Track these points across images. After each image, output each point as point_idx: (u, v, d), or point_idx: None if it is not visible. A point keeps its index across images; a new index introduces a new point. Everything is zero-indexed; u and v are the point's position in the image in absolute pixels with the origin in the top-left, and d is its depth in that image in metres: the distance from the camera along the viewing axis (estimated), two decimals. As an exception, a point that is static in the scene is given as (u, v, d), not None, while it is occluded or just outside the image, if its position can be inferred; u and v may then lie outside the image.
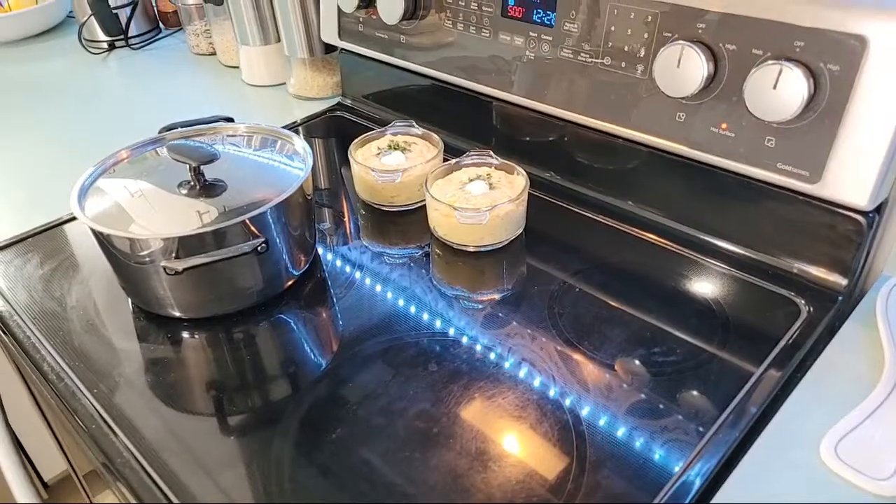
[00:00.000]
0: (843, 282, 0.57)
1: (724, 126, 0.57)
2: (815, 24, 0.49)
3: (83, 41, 1.26)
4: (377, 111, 0.93)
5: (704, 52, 0.54)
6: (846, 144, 0.51)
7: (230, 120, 0.70)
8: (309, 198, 0.62)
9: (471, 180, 0.68)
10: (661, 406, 0.49)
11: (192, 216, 0.56)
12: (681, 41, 0.55)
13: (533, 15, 0.67)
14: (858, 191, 0.52)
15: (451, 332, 0.57)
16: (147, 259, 0.54)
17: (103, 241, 0.55)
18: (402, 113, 0.88)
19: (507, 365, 0.53)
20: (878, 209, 0.54)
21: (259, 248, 0.53)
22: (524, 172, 0.67)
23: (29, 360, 0.58)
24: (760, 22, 0.52)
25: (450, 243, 0.66)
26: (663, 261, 0.64)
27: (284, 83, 1.07)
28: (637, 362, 0.53)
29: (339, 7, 0.87)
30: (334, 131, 0.94)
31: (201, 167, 0.58)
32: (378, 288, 0.63)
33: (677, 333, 0.55)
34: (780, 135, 0.54)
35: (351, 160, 0.73)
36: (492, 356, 0.54)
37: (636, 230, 0.67)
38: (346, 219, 0.75)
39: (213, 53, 1.21)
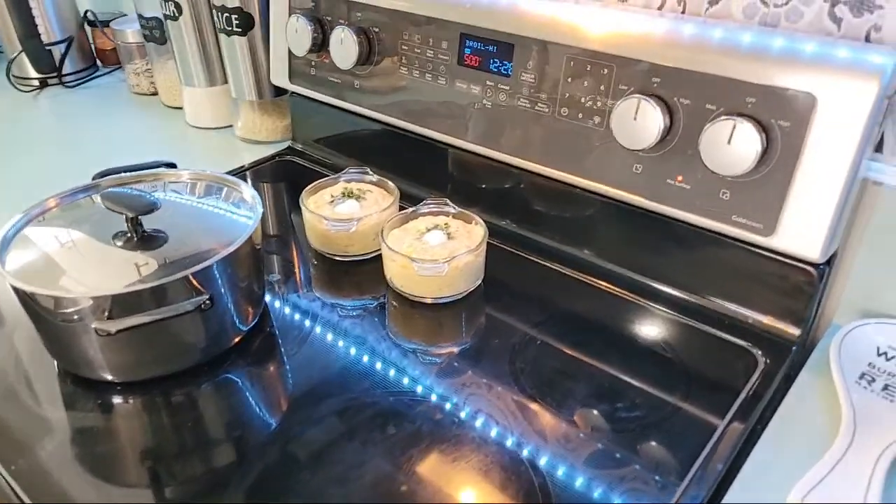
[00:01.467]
0: (797, 331, 0.58)
1: (679, 178, 0.57)
2: (766, 81, 0.51)
3: (11, 77, 1.20)
4: (329, 156, 0.91)
5: (660, 105, 0.55)
6: (798, 198, 0.52)
7: (172, 165, 0.66)
8: (258, 248, 0.59)
9: (428, 230, 0.66)
10: (628, 465, 0.48)
11: (129, 270, 0.52)
12: (637, 95, 0.56)
13: (490, 64, 0.67)
14: (811, 244, 0.53)
15: (410, 389, 0.54)
16: (75, 318, 0.49)
17: (26, 298, 0.50)
18: (356, 159, 0.86)
19: (469, 425, 0.51)
20: (829, 261, 0.55)
21: (203, 304, 0.50)
22: (482, 222, 0.66)
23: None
24: (713, 78, 0.53)
25: (407, 295, 0.64)
26: (622, 311, 0.64)
27: (231, 125, 1.03)
28: (602, 419, 0.52)
29: (289, 50, 0.85)
30: (284, 176, 0.91)
31: (139, 217, 0.54)
32: (332, 342, 0.60)
33: (639, 385, 0.55)
34: (734, 188, 0.55)
35: (302, 208, 0.70)
36: (453, 415, 0.52)
37: (594, 279, 0.67)
38: (296, 269, 0.72)
39: (155, 93, 1.17)
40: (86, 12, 1.27)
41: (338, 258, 0.71)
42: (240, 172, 0.90)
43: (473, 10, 0.67)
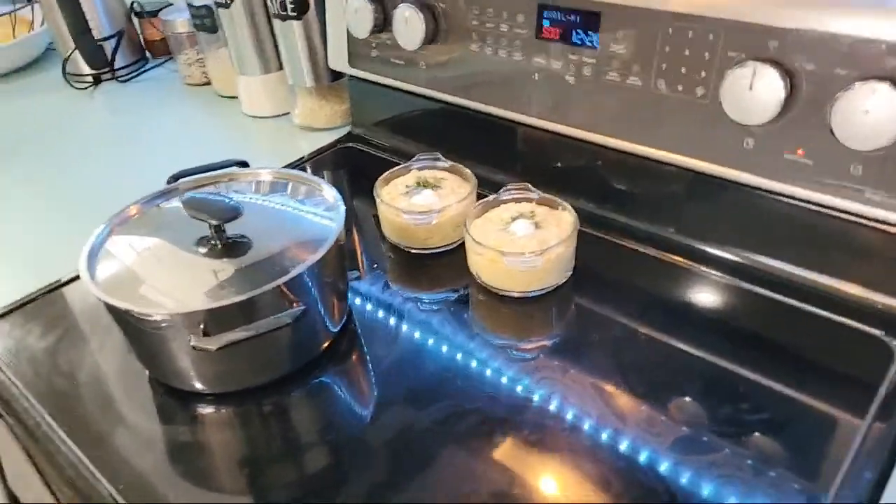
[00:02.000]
0: (935, 315, 0.52)
1: (800, 152, 0.52)
2: (910, 39, 0.45)
3: (67, 76, 1.19)
4: (392, 141, 0.87)
5: (780, 72, 0.49)
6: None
7: (244, 164, 0.63)
8: (342, 248, 0.56)
9: (513, 219, 0.62)
10: (764, 474, 0.44)
11: (217, 280, 0.50)
12: (752, 61, 0.50)
13: (572, 36, 0.62)
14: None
15: (513, 391, 0.51)
16: (169, 333, 0.48)
17: (121, 315, 0.49)
18: (421, 143, 0.83)
19: (580, 430, 0.48)
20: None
21: (299, 315, 0.47)
22: (570, 207, 0.62)
23: (41, 449, 0.51)
24: (846, 38, 0.47)
25: (493, 289, 0.61)
26: (732, 299, 0.59)
27: (288, 113, 1.01)
28: (727, 422, 0.48)
29: (349, 32, 0.81)
30: (347, 164, 0.88)
31: (223, 224, 0.52)
32: (419, 340, 0.57)
33: (762, 381, 0.50)
34: (868, 162, 0.49)
35: (378, 201, 0.67)
36: (564, 420, 0.49)
37: (696, 265, 0.62)
38: (373, 264, 0.69)
39: (208, 83, 1.15)
40: (132, 3, 1.25)
41: (414, 251, 0.67)
42: (301, 163, 0.88)
43: (553, -23, 0.62)
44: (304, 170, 0.86)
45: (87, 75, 1.21)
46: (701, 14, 0.54)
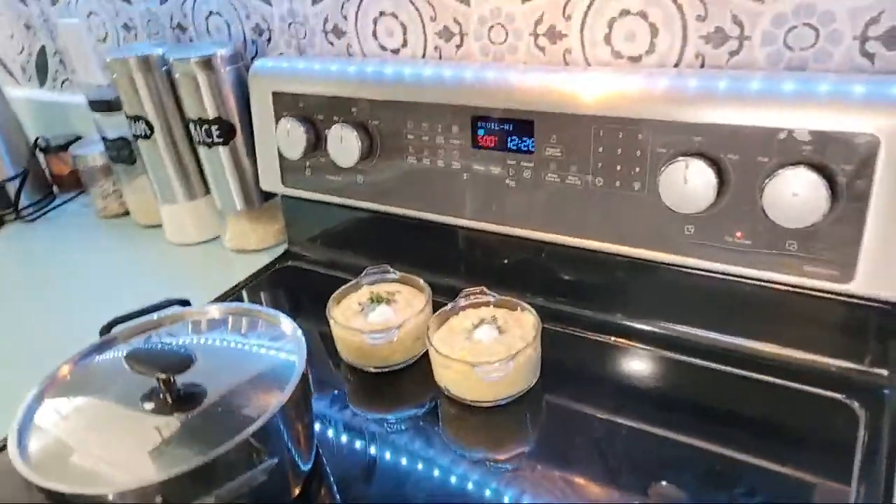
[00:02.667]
0: (885, 372, 0.55)
1: (738, 234, 0.55)
2: (820, 127, 0.49)
3: (-35, 222, 1.11)
4: (332, 255, 0.86)
5: (708, 164, 0.53)
6: (875, 240, 0.50)
7: (186, 303, 0.60)
8: (307, 382, 0.53)
9: (475, 326, 0.61)
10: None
11: (170, 440, 0.45)
12: (682, 157, 0.54)
13: (507, 143, 0.65)
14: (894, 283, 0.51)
15: (506, 514, 0.49)
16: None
17: (62, 498, 0.43)
18: (363, 255, 0.82)
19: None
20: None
21: (272, 466, 0.43)
22: (529, 308, 0.62)
23: None
24: (760, 130, 0.51)
25: (465, 401, 0.59)
26: (699, 379, 0.60)
27: (216, 237, 0.98)
28: (725, 510, 0.47)
29: (280, 154, 0.81)
30: (288, 285, 0.85)
31: (173, 376, 0.48)
32: (394, 463, 0.54)
33: (749, 461, 0.50)
34: (801, 238, 0.52)
35: (332, 323, 0.65)
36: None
37: (661, 350, 0.63)
38: (333, 389, 0.66)
39: (126, 214, 1.10)
40: (36, 139, 1.20)
41: (374, 370, 0.65)
42: (239, 289, 0.84)
43: (483, 91, 0.65)
44: (241, 297, 0.82)
45: (-11, 218, 1.13)
46: (627, 116, 0.57)
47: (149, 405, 0.48)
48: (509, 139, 0.65)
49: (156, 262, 0.96)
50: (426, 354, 0.61)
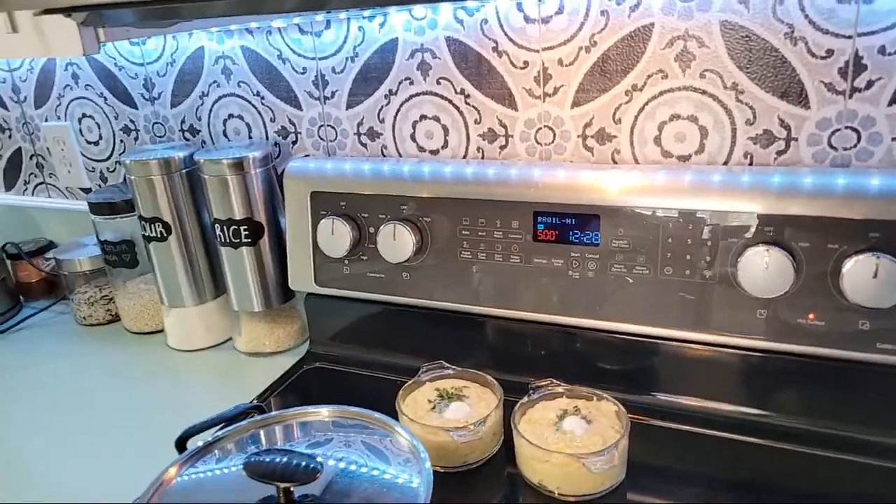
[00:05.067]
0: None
1: (811, 316, 0.59)
2: (887, 216, 0.55)
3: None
4: (362, 354, 0.83)
5: (783, 252, 0.57)
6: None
7: (261, 410, 0.55)
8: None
9: (560, 418, 0.60)
10: None
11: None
12: (762, 245, 0.58)
13: (569, 236, 0.67)
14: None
15: None
16: None
17: None
18: (399, 352, 0.79)
19: None
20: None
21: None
22: (608, 397, 0.62)
23: None
24: (830, 220, 0.56)
25: (563, 496, 0.57)
26: (790, 466, 0.60)
27: (222, 342, 0.92)
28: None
29: (315, 253, 0.80)
30: (323, 387, 0.81)
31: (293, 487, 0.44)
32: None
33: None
34: (873, 317, 0.57)
35: (404, 421, 0.62)
36: None
37: (747, 437, 0.63)
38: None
39: (111, 322, 1.02)
40: (4, 245, 1.12)
41: (452, 470, 0.62)
42: (266, 396, 0.79)
43: (546, 188, 0.68)
44: (270, 403, 0.77)
45: (-51, 331, 1.02)
46: (693, 208, 0.61)
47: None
48: (572, 233, 0.67)
49: (166, 370, 0.89)
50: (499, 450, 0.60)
